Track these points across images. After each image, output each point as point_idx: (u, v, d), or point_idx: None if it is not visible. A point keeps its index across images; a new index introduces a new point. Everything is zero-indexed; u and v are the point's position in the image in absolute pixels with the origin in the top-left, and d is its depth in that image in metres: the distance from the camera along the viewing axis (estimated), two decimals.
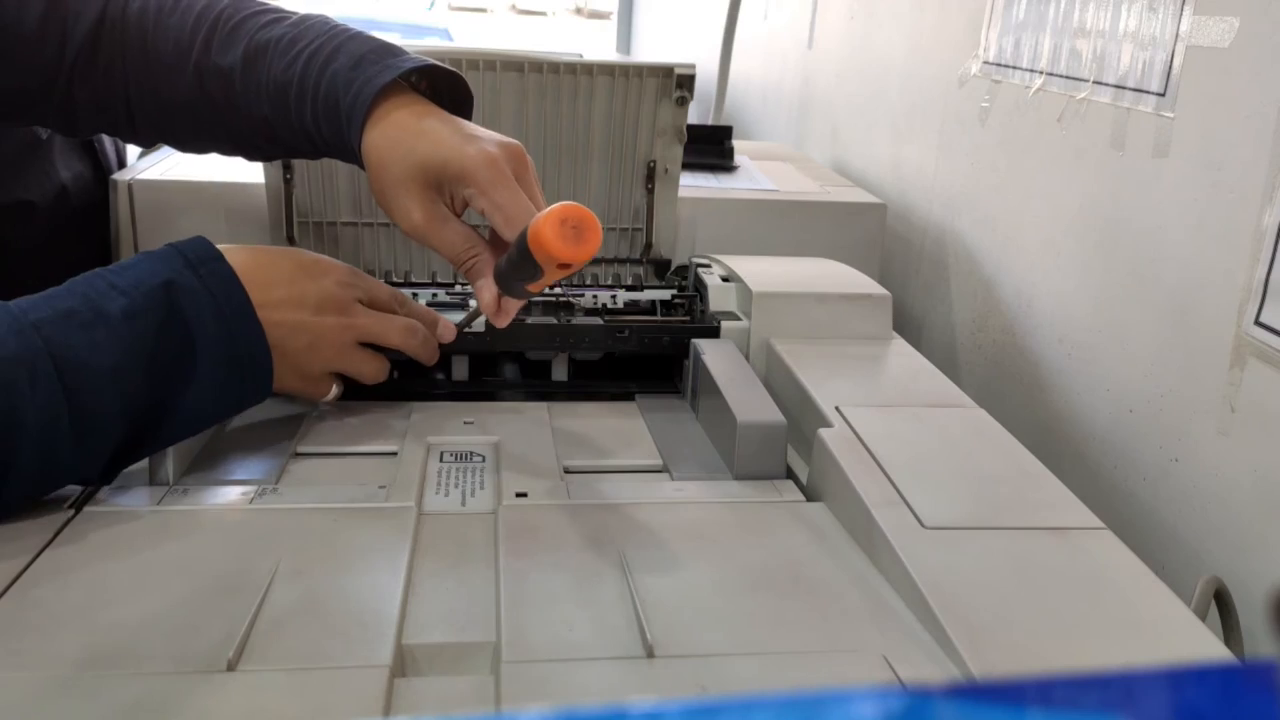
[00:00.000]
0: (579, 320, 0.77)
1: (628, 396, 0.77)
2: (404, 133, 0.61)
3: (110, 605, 0.46)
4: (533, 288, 0.58)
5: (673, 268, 0.91)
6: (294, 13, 0.69)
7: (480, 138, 0.61)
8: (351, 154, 0.64)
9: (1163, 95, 0.73)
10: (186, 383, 0.55)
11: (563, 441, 0.68)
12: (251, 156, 0.76)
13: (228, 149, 0.74)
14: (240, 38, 0.67)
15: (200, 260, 0.57)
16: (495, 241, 0.62)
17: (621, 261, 0.92)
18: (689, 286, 0.84)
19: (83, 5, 0.69)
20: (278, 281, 0.60)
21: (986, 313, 1.00)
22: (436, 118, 0.62)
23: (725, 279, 0.81)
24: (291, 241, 0.87)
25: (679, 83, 0.88)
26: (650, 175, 0.90)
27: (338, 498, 0.57)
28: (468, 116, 0.65)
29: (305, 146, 0.69)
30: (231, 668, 0.42)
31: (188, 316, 0.55)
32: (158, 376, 0.54)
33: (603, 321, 0.77)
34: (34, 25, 0.68)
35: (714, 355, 0.72)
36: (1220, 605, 0.59)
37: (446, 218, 0.61)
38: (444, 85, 0.66)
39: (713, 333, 0.76)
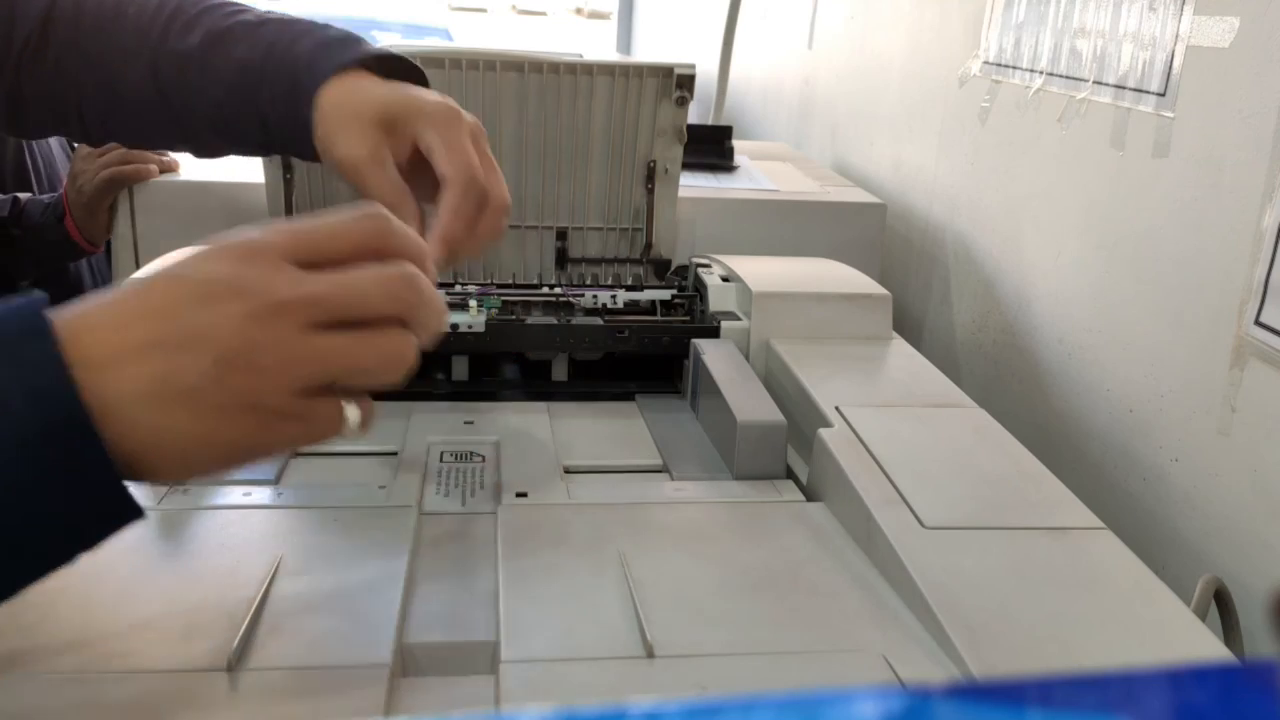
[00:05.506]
0: (579, 320, 0.77)
1: (628, 396, 0.77)
2: (366, 84, 0.61)
3: (110, 605, 0.46)
4: None
5: (673, 268, 0.91)
6: (257, 10, 0.70)
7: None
8: (300, 128, 0.62)
9: (1163, 95, 0.73)
10: None
11: (563, 441, 0.68)
12: (199, 153, 0.73)
13: (176, 144, 0.73)
14: (201, 24, 0.68)
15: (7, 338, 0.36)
16: (422, 196, 0.60)
17: (621, 261, 0.92)
18: (689, 286, 0.84)
19: None
20: (133, 320, 0.38)
21: (986, 313, 1.00)
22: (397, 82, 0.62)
23: (725, 279, 0.81)
24: None
25: (679, 83, 0.88)
26: (650, 175, 0.90)
27: (338, 497, 0.57)
28: None
29: (254, 133, 0.67)
30: (231, 668, 0.42)
31: None
32: None
33: (603, 321, 0.77)
34: None
35: (714, 355, 0.72)
36: (1220, 605, 0.59)
37: (386, 161, 0.60)
38: (404, 74, 0.66)
39: (713, 333, 0.76)
